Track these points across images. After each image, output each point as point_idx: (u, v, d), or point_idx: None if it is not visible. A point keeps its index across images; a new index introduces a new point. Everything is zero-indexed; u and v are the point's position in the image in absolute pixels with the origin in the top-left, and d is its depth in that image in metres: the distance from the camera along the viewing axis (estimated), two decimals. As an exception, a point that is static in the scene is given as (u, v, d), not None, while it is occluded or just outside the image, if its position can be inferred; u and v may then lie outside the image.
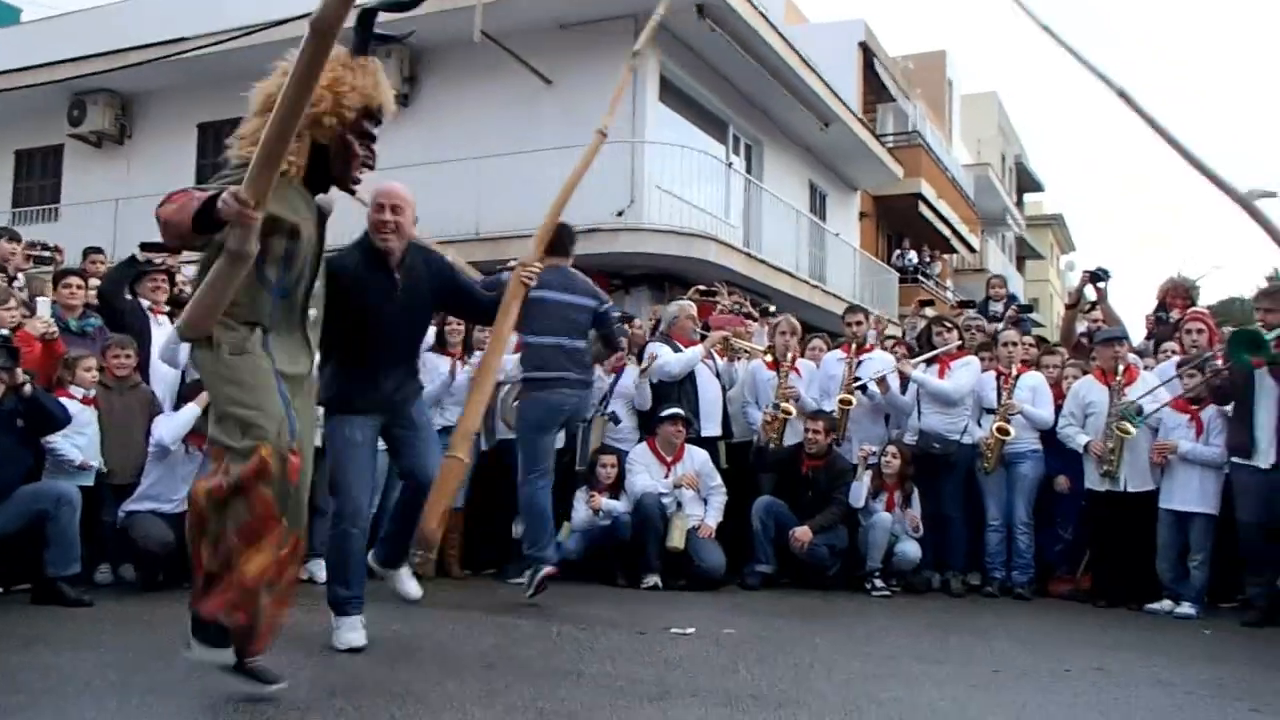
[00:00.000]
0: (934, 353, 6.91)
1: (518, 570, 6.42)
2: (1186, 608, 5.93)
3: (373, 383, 4.08)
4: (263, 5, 12.72)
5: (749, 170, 15.80)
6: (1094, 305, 7.89)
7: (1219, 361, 5.98)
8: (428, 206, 14.31)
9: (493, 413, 6.58)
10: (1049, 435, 6.61)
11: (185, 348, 5.98)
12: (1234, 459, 5.81)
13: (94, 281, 6.62)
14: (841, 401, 6.89)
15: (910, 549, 6.52)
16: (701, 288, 9.15)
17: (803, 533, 6.42)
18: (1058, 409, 6.63)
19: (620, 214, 12.33)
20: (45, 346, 5.59)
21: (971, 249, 27.23)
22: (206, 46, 12.97)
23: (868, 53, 21.19)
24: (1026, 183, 37.71)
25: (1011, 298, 10.36)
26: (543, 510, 5.36)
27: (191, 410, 5.53)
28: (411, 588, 4.47)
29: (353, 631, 4.03)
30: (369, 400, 4.08)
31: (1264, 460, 5.62)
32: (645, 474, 6.52)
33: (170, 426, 5.55)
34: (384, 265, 4.10)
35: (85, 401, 5.54)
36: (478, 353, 6.54)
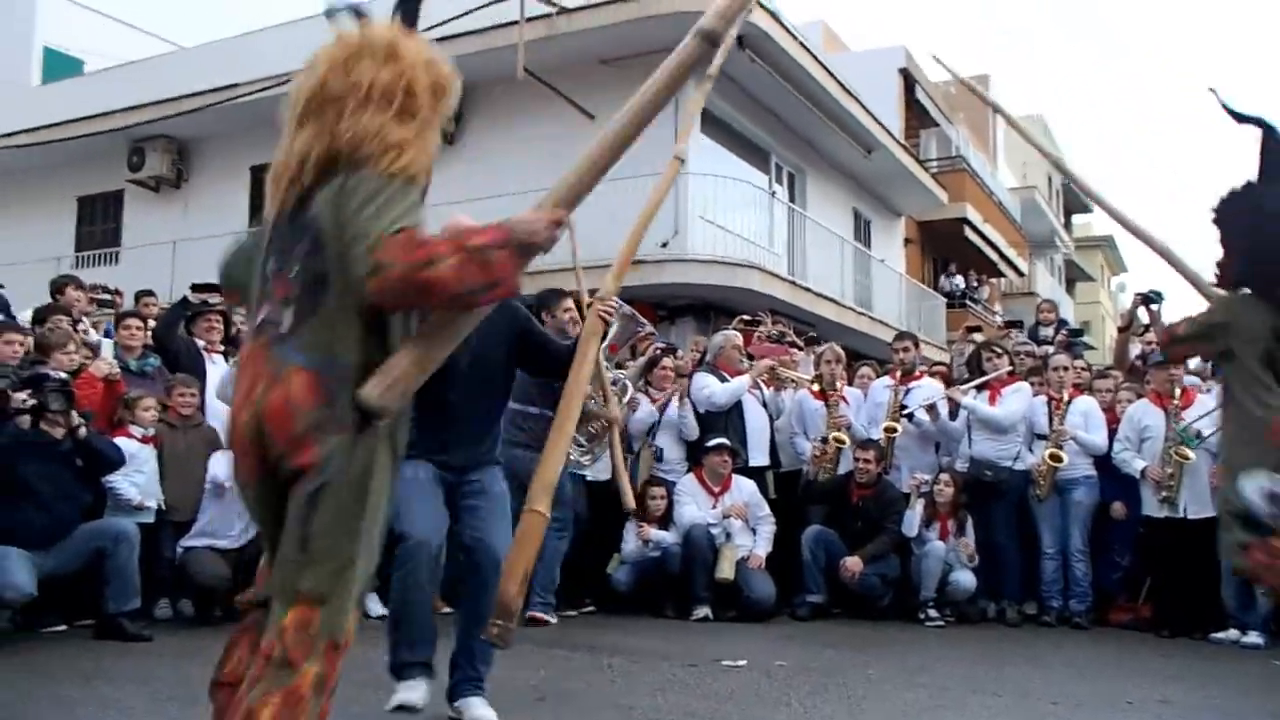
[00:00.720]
0: (984, 379, 6.83)
1: (570, 604, 6.45)
2: (1254, 637, 5.76)
3: (439, 441, 3.56)
4: (298, 49, 13.05)
5: (792, 199, 15.81)
6: (1147, 328, 7.75)
7: None
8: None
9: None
10: (1104, 461, 6.49)
11: None
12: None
13: (151, 323, 6.80)
14: (886, 430, 6.83)
15: (965, 578, 6.43)
16: (745, 317, 9.15)
17: (853, 562, 6.36)
18: (1112, 434, 6.52)
19: (665, 245, 12.39)
20: (107, 387, 5.74)
21: (1019, 272, 26.91)
22: (257, 92, 13.32)
23: (909, 79, 21.15)
24: (1074, 205, 37.22)
25: (1062, 322, 10.21)
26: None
27: None
28: (484, 714, 3.56)
29: (411, 692, 3.55)
30: (433, 457, 3.58)
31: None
32: (693, 505, 6.51)
33: (227, 464, 5.66)
34: None
35: (144, 440, 5.67)
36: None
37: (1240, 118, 3.74)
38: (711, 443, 6.53)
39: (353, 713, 3.38)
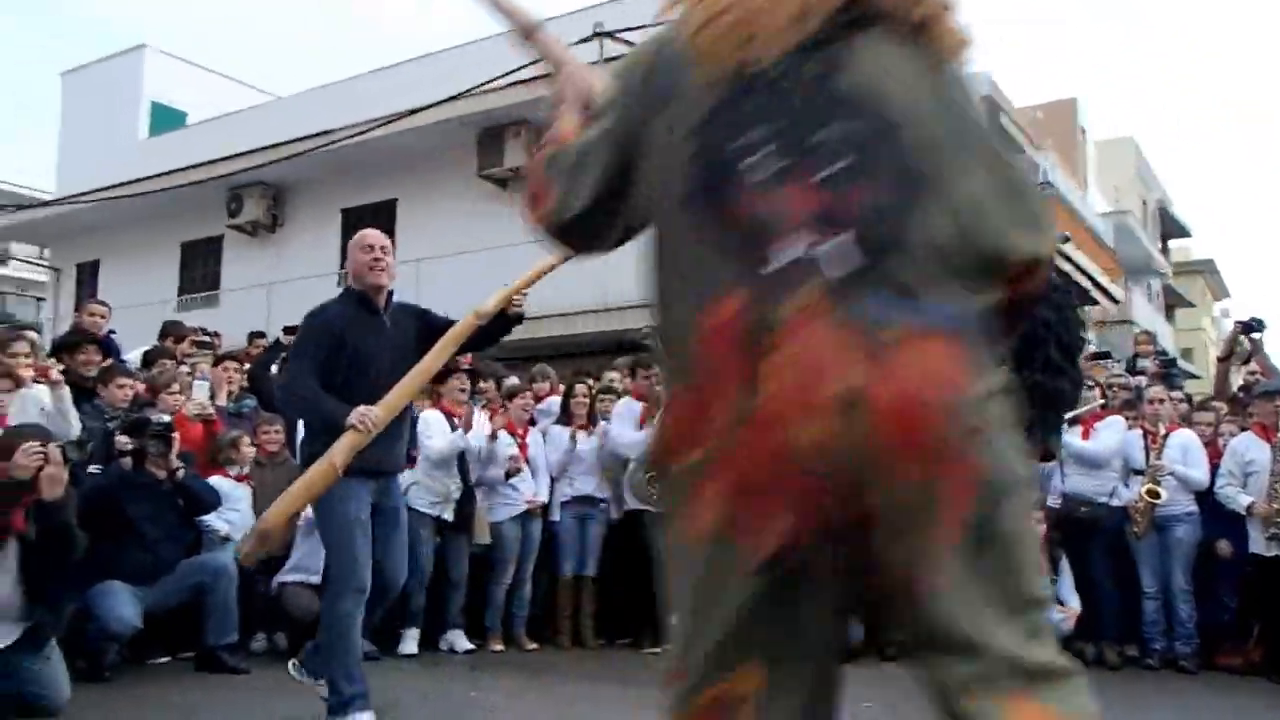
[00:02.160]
0: (1076, 413, 6.64)
1: (653, 640, 6.43)
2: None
3: (376, 441, 3.72)
4: (397, 95, 13.49)
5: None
6: (1250, 357, 7.46)
7: None
8: (559, 278, 14.57)
9: (619, 483, 6.67)
10: (1205, 496, 6.23)
11: None
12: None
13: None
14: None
15: (1060, 618, 6.21)
16: None
17: None
18: (1215, 468, 6.26)
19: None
20: (205, 427, 5.97)
21: (1114, 299, 26.10)
22: (349, 137, 13.80)
23: (993, 105, 20.84)
24: (1171, 228, 36.04)
25: (1160, 352, 9.87)
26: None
27: None
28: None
29: None
30: (361, 458, 3.67)
31: None
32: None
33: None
34: (372, 306, 3.97)
35: (239, 479, 5.88)
36: (602, 420, 6.66)
37: None
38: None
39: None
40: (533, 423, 6.77)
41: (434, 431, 6.15)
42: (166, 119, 19.86)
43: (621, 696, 4.86)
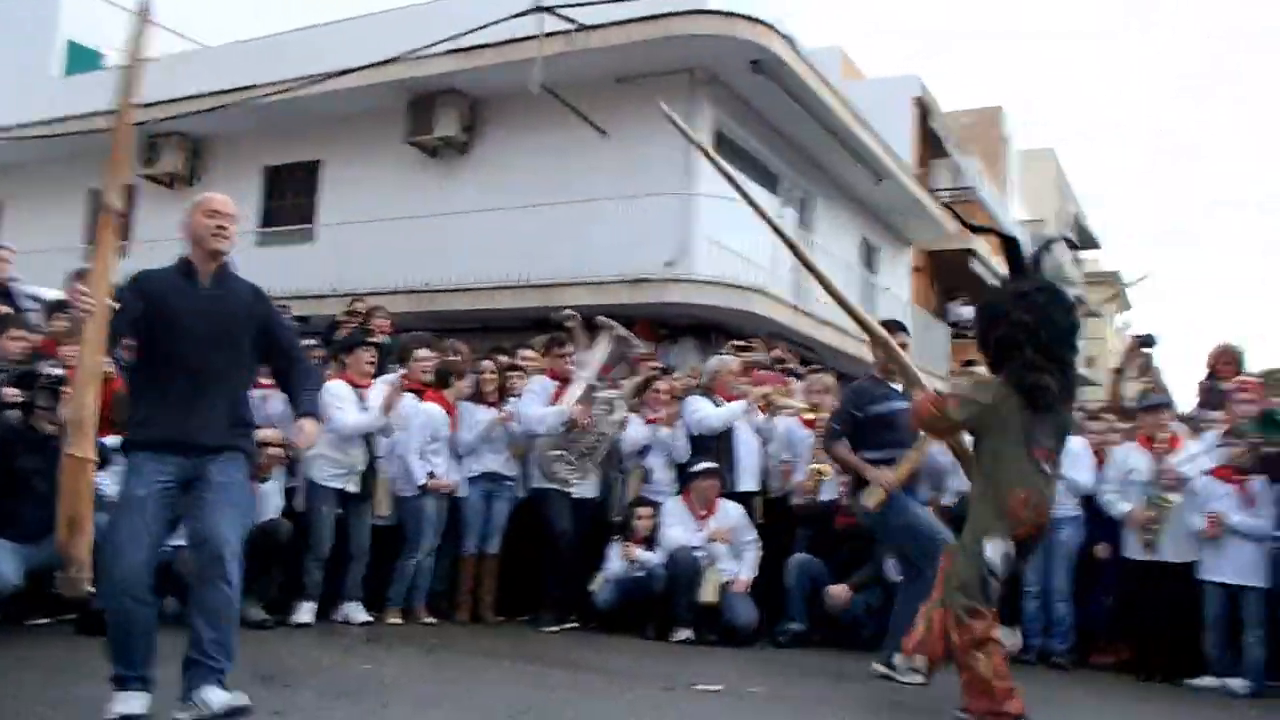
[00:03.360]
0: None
1: (552, 619, 6.50)
2: (1238, 684, 5.76)
3: (175, 413, 3.45)
4: (327, 54, 13.19)
5: (801, 223, 15.87)
6: (1146, 369, 7.79)
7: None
8: (482, 252, 14.62)
9: (529, 461, 6.70)
10: (1089, 501, 6.51)
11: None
12: (1280, 532, 5.69)
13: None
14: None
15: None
16: (737, 342, 9.18)
17: (840, 590, 6.37)
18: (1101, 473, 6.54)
19: (670, 264, 12.46)
20: (104, 385, 5.79)
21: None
22: (274, 94, 13.46)
23: (923, 108, 21.23)
24: (1084, 239, 37.22)
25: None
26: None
27: None
28: (222, 697, 3.36)
29: (124, 703, 3.36)
30: (168, 435, 3.42)
31: (1313, 534, 5.50)
32: (679, 527, 6.55)
33: None
34: (192, 274, 3.66)
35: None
36: (512, 398, 6.68)
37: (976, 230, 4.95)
38: (699, 467, 6.58)
39: None
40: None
41: (344, 404, 6.09)
42: (83, 59, 19.09)
43: (517, 672, 4.90)
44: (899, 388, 5.29)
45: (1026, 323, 4.21)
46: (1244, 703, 5.61)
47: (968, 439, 4.62)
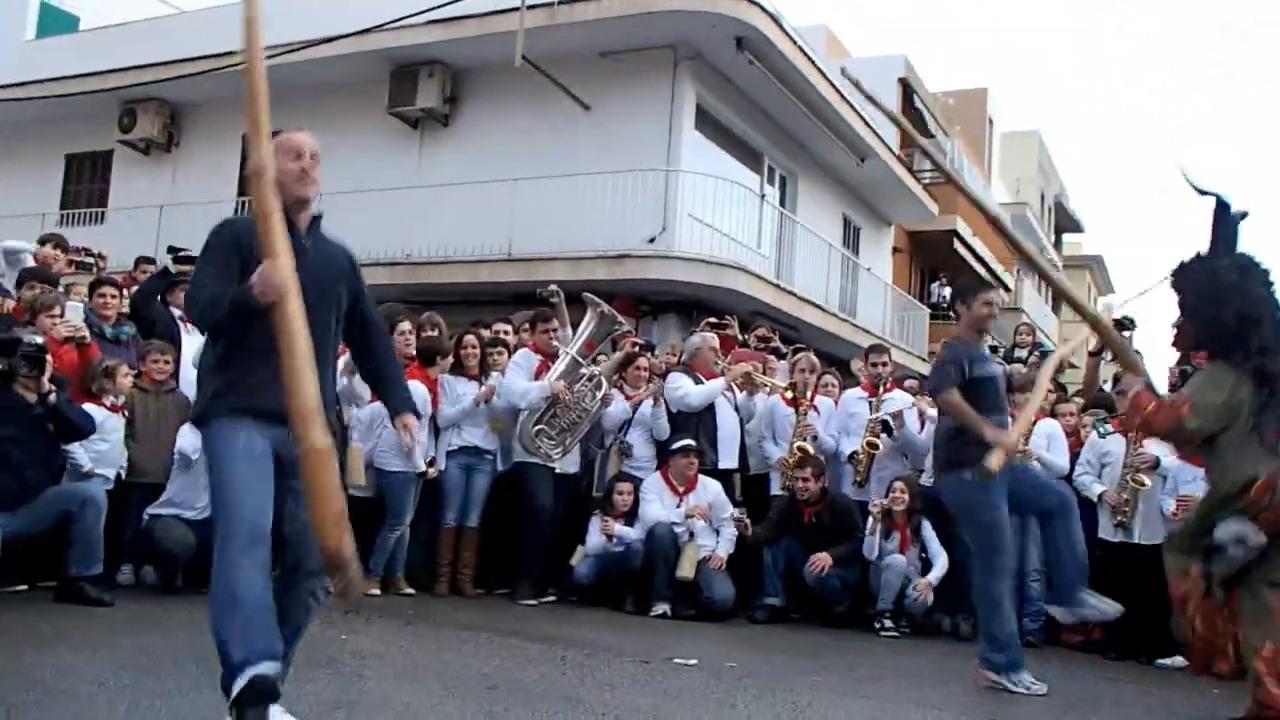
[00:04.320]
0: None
1: (530, 592, 6.53)
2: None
3: (271, 381, 2.91)
4: (312, 22, 13.03)
5: (782, 202, 15.88)
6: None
7: None
8: (463, 225, 14.55)
9: (510, 435, 6.70)
10: (1064, 482, 6.59)
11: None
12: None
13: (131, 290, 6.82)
14: (868, 445, 6.87)
15: (924, 591, 6.51)
16: (712, 320, 9.16)
17: (822, 557, 6.41)
18: (1076, 456, 6.62)
19: (652, 240, 12.45)
20: (80, 352, 5.76)
21: (1006, 288, 27.09)
22: (256, 61, 13.27)
23: (907, 88, 21.25)
24: (1066, 223, 37.48)
25: (1037, 345, 10.31)
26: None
27: None
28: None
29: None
30: (264, 404, 2.96)
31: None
32: (658, 503, 6.58)
33: (193, 438, 5.69)
34: (289, 224, 3.12)
35: (113, 409, 5.70)
36: (495, 373, 6.67)
37: (1201, 192, 4.23)
38: (678, 444, 6.61)
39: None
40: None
41: None
42: (56, 21, 18.76)
43: (494, 645, 4.93)
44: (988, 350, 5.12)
45: (1262, 297, 3.92)
46: (1209, 680, 5.71)
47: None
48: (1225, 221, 4.11)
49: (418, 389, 6.45)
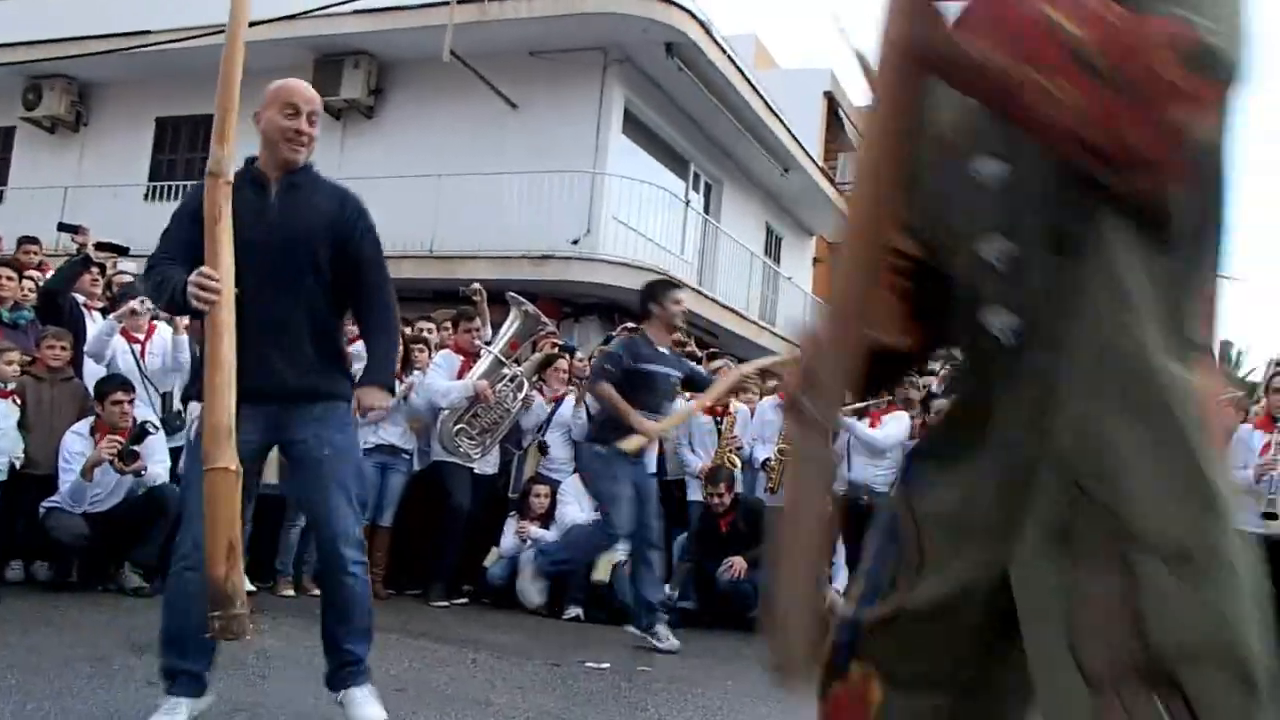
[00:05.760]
0: (863, 404, 7.04)
1: (443, 593, 6.45)
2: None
3: (252, 355, 2.79)
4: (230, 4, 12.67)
5: (707, 209, 16.01)
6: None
7: None
8: (386, 220, 14.25)
9: (428, 435, 6.61)
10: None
11: (118, 342, 5.94)
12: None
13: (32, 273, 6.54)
14: (782, 452, 6.94)
15: (834, 597, 6.61)
16: (629, 325, 9.11)
17: (737, 561, 6.47)
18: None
19: (575, 242, 12.42)
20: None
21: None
22: (171, 41, 12.88)
23: (832, 101, 21.60)
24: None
25: (950, 358, 10.56)
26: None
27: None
28: (372, 712, 3.10)
29: (171, 713, 2.85)
30: (251, 384, 2.78)
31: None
32: (575, 505, 6.55)
33: (80, 443, 5.49)
34: (261, 183, 3.03)
35: (3, 395, 5.46)
36: (417, 371, 6.56)
37: None
38: (597, 447, 6.60)
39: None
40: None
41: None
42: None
43: (404, 646, 4.85)
44: (666, 351, 5.45)
45: None
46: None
47: None
48: None
49: None
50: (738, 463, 6.90)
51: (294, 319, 2.98)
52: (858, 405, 7.06)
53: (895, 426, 6.97)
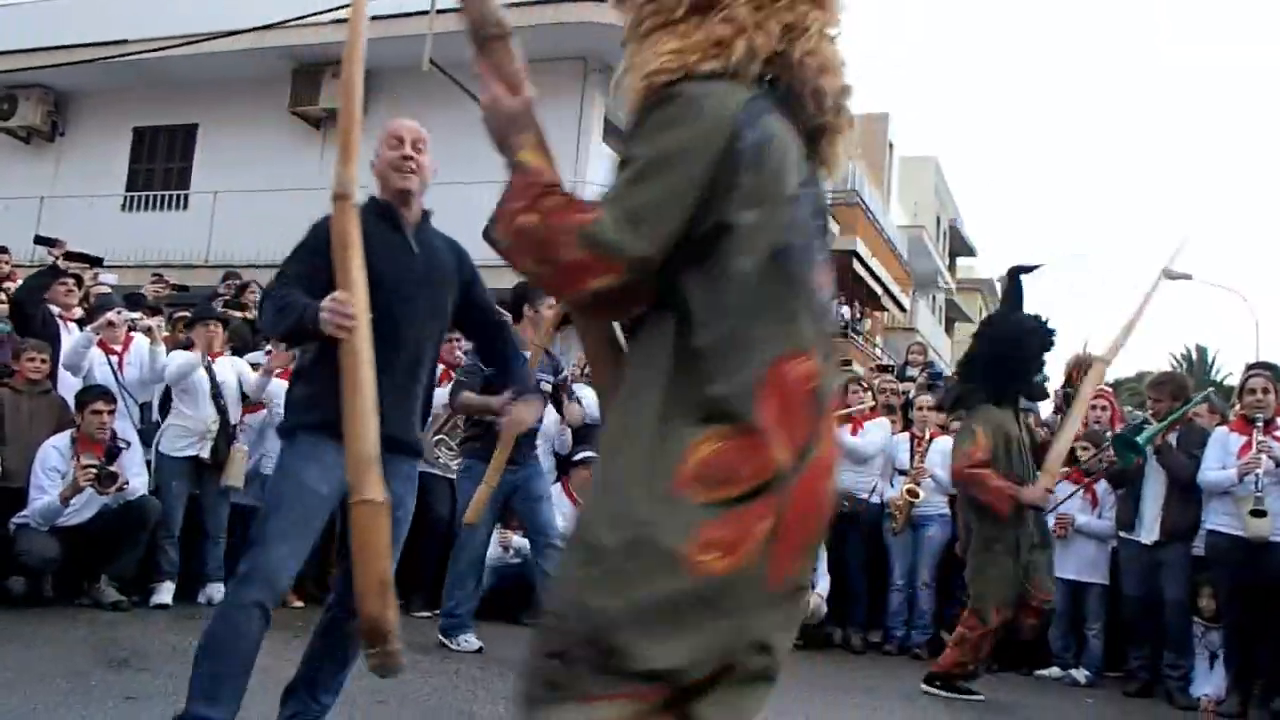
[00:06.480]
0: (846, 411, 7.07)
1: (424, 603, 6.41)
2: (1080, 674, 6.13)
3: (387, 399, 2.69)
4: (208, 14, 12.63)
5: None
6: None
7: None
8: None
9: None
10: (955, 500, 6.78)
11: (96, 354, 5.88)
12: (1121, 533, 6.05)
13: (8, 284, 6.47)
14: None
15: (815, 603, 6.61)
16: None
17: None
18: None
19: (557, 251, 12.42)
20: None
21: (902, 308, 27.86)
22: (148, 51, 12.81)
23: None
24: (960, 247, 38.74)
25: (928, 364, 10.61)
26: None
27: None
28: None
29: None
30: (387, 430, 2.69)
31: (1147, 536, 5.87)
32: (557, 515, 6.52)
33: (57, 458, 5.44)
34: (396, 222, 2.96)
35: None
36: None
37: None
38: (579, 456, 6.58)
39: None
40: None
41: (172, 355, 5.99)
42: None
43: (385, 660, 4.81)
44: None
45: None
46: (1083, 691, 5.96)
47: None
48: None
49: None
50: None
51: (416, 363, 2.90)
52: (840, 412, 7.09)
53: (877, 433, 6.99)
